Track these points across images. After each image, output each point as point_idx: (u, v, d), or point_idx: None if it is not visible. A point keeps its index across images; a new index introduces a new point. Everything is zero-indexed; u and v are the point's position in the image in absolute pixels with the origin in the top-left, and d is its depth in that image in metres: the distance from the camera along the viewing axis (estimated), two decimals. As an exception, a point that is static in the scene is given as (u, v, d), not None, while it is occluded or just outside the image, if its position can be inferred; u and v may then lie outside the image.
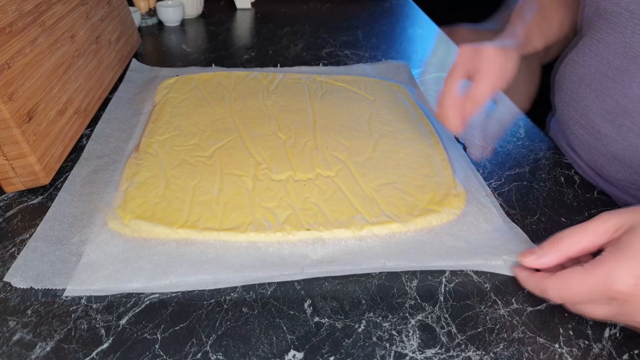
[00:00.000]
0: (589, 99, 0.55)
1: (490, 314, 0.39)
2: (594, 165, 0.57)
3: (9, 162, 0.47)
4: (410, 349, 0.36)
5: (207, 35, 0.98)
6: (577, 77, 0.57)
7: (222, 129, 0.60)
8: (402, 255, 0.43)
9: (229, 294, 0.39)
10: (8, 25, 0.48)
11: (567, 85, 0.59)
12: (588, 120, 0.55)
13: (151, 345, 0.35)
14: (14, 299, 0.38)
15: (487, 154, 0.58)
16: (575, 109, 0.57)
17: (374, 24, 1.07)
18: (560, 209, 0.50)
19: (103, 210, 0.46)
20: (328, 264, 0.42)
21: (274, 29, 1.03)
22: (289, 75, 0.74)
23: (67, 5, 0.61)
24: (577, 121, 0.57)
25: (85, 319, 0.37)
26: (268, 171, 0.52)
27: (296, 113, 0.64)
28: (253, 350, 0.35)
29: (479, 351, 0.35)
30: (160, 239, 0.43)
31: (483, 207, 0.49)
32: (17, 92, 0.47)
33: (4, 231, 0.45)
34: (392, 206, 0.47)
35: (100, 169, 0.53)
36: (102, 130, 0.60)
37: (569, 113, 0.59)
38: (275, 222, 0.45)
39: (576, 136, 0.58)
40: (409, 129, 0.61)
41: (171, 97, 0.66)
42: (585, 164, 0.59)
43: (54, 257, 0.41)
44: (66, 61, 0.58)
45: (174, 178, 0.50)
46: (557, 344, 0.36)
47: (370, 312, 0.38)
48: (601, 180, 0.57)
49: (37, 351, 0.34)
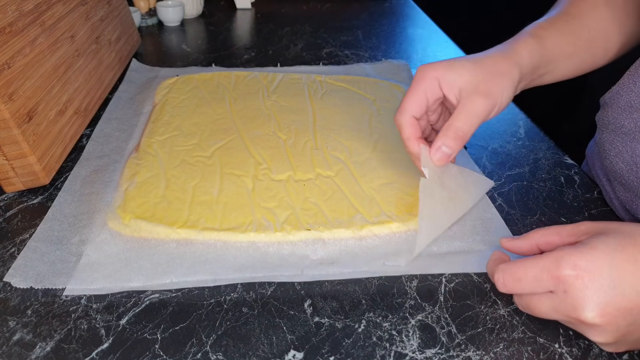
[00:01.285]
0: (639, 133, 0.46)
1: (490, 314, 0.39)
2: (629, 206, 0.49)
3: (9, 162, 0.47)
4: (410, 349, 0.36)
5: (207, 35, 0.98)
6: (627, 102, 0.47)
7: (222, 129, 0.60)
8: (401, 256, 0.43)
9: (229, 294, 0.39)
10: (8, 25, 0.48)
11: (615, 109, 0.49)
12: (634, 156, 0.46)
13: (151, 345, 0.35)
14: (14, 299, 0.38)
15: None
16: (620, 139, 0.48)
17: (374, 24, 1.07)
18: (560, 209, 0.50)
19: (103, 210, 0.46)
20: (328, 265, 0.42)
21: (274, 29, 1.03)
22: (289, 75, 0.74)
23: (67, 5, 0.61)
24: (619, 152, 0.48)
25: (85, 319, 0.37)
26: (268, 171, 0.52)
27: (296, 113, 0.64)
28: (253, 350, 0.35)
29: (479, 351, 0.35)
30: (160, 239, 0.43)
31: (483, 206, 0.49)
32: (17, 92, 0.47)
33: (4, 231, 0.45)
34: (392, 206, 0.47)
35: (100, 169, 0.53)
36: (102, 130, 0.60)
37: (611, 141, 0.49)
38: (275, 222, 0.45)
39: (615, 170, 0.49)
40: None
41: (171, 97, 0.66)
42: (619, 201, 0.51)
43: (54, 257, 0.41)
44: (66, 61, 0.58)
45: (174, 178, 0.50)
46: (557, 344, 0.36)
47: (370, 312, 0.38)
48: (634, 220, 0.49)
49: (37, 351, 0.34)
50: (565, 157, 0.59)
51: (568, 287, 0.32)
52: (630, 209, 0.49)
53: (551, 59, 0.49)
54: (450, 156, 0.45)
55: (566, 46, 0.49)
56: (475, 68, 0.45)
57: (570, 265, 0.32)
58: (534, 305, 0.35)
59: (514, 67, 0.45)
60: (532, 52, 0.47)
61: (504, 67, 0.45)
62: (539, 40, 0.48)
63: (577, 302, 0.32)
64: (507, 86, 0.44)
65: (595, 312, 0.32)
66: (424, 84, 0.45)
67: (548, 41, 0.48)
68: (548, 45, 0.48)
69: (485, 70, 0.45)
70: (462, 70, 0.45)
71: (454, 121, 0.44)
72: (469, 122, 0.44)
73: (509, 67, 0.45)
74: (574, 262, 0.32)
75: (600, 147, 0.52)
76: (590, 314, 0.32)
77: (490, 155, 0.59)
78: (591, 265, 0.32)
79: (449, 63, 0.45)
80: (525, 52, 0.47)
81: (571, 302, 0.33)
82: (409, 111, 0.46)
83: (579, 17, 0.50)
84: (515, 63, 0.46)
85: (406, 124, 0.46)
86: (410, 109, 0.46)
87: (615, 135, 0.48)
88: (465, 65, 0.45)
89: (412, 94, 0.46)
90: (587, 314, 0.32)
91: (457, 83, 0.44)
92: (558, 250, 0.34)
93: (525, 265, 0.35)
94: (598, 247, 0.33)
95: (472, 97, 0.44)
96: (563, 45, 0.49)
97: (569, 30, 0.50)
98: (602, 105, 0.51)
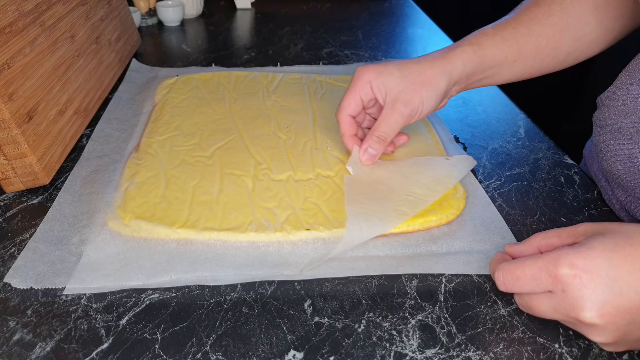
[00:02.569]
0: (635, 133, 0.45)
1: (490, 314, 0.39)
2: (627, 207, 0.49)
3: (9, 162, 0.47)
4: (410, 349, 0.36)
5: (207, 35, 0.98)
6: (624, 103, 0.47)
7: (222, 129, 0.60)
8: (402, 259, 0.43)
9: (229, 294, 0.39)
10: (8, 25, 0.48)
11: (611, 110, 0.48)
12: (631, 157, 0.46)
13: (151, 345, 0.35)
14: (14, 299, 0.38)
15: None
16: (617, 140, 0.47)
17: (374, 24, 1.07)
18: (560, 209, 0.50)
19: (103, 210, 0.46)
20: (328, 266, 0.42)
21: (274, 29, 1.03)
22: (288, 75, 0.74)
23: (67, 5, 0.61)
24: (616, 153, 0.48)
25: (85, 319, 0.37)
26: (268, 171, 0.52)
27: (296, 113, 0.64)
28: (253, 350, 0.35)
29: (479, 351, 0.35)
30: (160, 239, 0.43)
31: (483, 206, 0.49)
32: (17, 92, 0.47)
33: (4, 231, 0.45)
34: (392, 206, 0.47)
35: (100, 169, 0.53)
36: (102, 130, 0.60)
37: (608, 142, 0.49)
38: (275, 222, 0.45)
39: (612, 170, 0.49)
40: (409, 129, 0.61)
41: (171, 97, 0.66)
42: (618, 202, 0.51)
43: (54, 257, 0.41)
44: (66, 61, 0.58)
45: (174, 178, 0.50)
46: (557, 344, 0.36)
47: (370, 312, 0.38)
48: (634, 220, 0.49)
49: (37, 351, 0.34)
50: (565, 157, 0.59)
51: (566, 287, 0.33)
52: (629, 209, 0.49)
53: (491, 65, 0.52)
54: (375, 157, 0.51)
55: (509, 53, 0.51)
56: (402, 77, 0.49)
57: (567, 264, 0.32)
58: (534, 305, 0.35)
59: (441, 76, 0.49)
60: (466, 61, 0.50)
61: (430, 76, 0.49)
62: (478, 48, 0.51)
63: (575, 302, 0.32)
64: (428, 96, 0.49)
65: (593, 312, 0.32)
66: (359, 85, 0.50)
67: (488, 49, 0.51)
68: (488, 52, 0.51)
69: (410, 79, 0.49)
70: (389, 78, 0.49)
71: (377, 126, 0.50)
72: (389, 129, 0.50)
73: (435, 77, 0.49)
74: (571, 261, 0.33)
75: (597, 148, 0.52)
76: (589, 314, 0.32)
77: (490, 155, 0.59)
78: (589, 265, 0.32)
79: (381, 69, 0.50)
80: (458, 61, 0.50)
81: (570, 302, 0.33)
82: (346, 110, 0.52)
83: (528, 24, 0.52)
84: (444, 72, 0.49)
85: (342, 121, 0.52)
86: (347, 108, 0.52)
87: (612, 136, 0.48)
88: (393, 73, 0.49)
89: (348, 94, 0.51)
90: (586, 314, 0.32)
91: (383, 89, 0.50)
92: (556, 250, 0.34)
93: (523, 264, 0.35)
94: (596, 247, 0.33)
95: (394, 105, 0.49)
96: (505, 52, 0.51)
97: (514, 38, 0.51)
98: (599, 105, 0.51)
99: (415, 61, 0.50)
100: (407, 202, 0.47)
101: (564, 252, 0.33)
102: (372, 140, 0.50)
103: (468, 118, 0.67)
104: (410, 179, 0.50)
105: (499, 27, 0.52)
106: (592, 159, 0.58)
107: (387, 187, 0.49)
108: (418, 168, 0.52)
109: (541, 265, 0.34)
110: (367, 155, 0.51)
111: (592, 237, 0.34)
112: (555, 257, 0.33)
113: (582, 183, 0.54)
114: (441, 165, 0.53)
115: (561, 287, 0.33)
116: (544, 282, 0.34)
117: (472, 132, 0.64)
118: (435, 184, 0.49)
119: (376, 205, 0.46)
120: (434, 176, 0.51)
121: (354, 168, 0.51)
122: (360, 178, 0.50)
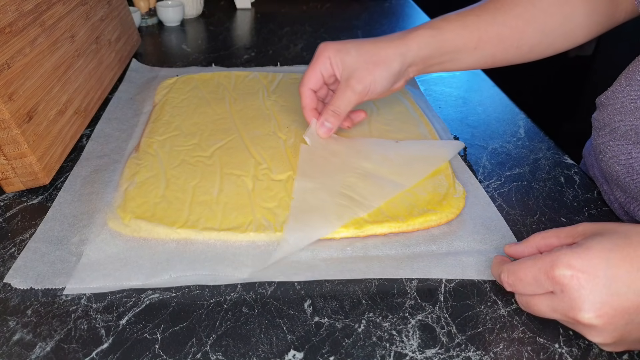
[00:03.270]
0: (634, 134, 0.45)
1: (490, 314, 0.39)
2: (626, 207, 0.49)
3: (9, 162, 0.47)
4: (410, 349, 0.36)
5: (207, 35, 0.98)
6: (623, 104, 0.46)
7: (222, 129, 0.60)
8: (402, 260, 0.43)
9: (229, 294, 0.39)
10: (8, 25, 0.48)
11: (610, 111, 0.48)
12: (629, 158, 0.46)
13: (151, 345, 0.35)
14: (14, 299, 0.38)
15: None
16: (616, 141, 0.47)
17: (374, 24, 1.07)
18: (560, 209, 0.50)
19: (103, 210, 0.46)
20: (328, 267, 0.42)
21: (274, 29, 1.03)
22: (289, 75, 0.74)
23: (67, 5, 0.61)
24: (615, 155, 0.47)
25: (85, 319, 0.37)
26: (268, 171, 0.52)
27: (296, 113, 0.64)
28: (253, 350, 0.35)
29: (479, 351, 0.35)
30: (160, 238, 0.43)
31: (483, 206, 0.49)
32: (17, 92, 0.47)
33: (4, 231, 0.45)
34: (392, 206, 0.47)
35: (100, 169, 0.53)
36: (102, 130, 0.60)
37: (607, 143, 0.49)
38: (275, 222, 0.45)
39: (611, 171, 0.49)
40: (409, 129, 0.61)
41: (171, 97, 0.66)
42: (618, 202, 0.51)
43: (53, 257, 0.41)
44: (66, 61, 0.58)
45: (174, 178, 0.50)
46: (557, 344, 0.36)
47: (370, 312, 0.38)
48: (633, 220, 0.49)
49: (37, 351, 0.34)
50: (565, 157, 0.59)
51: (564, 287, 0.33)
52: (628, 210, 0.49)
53: (449, 50, 0.53)
54: (331, 130, 0.54)
55: (469, 40, 0.53)
56: (358, 55, 0.51)
57: (564, 264, 0.32)
58: (533, 304, 0.35)
59: (395, 56, 0.51)
60: (423, 44, 0.52)
61: (384, 56, 0.51)
62: (437, 32, 0.52)
63: (573, 303, 0.32)
64: (381, 75, 0.51)
65: (592, 313, 0.32)
66: (319, 61, 0.53)
67: (447, 33, 0.52)
68: (447, 37, 0.52)
69: (365, 58, 0.51)
70: (346, 56, 0.52)
71: (333, 101, 0.53)
72: (344, 105, 0.53)
73: (389, 57, 0.51)
74: (568, 261, 0.32)
75: (596, 149, 0.52)
76: (587, 315, 0.32)
77: (490, 155, 0.59)
78: (586, 265, 0.32)
79: (340, 46, 0.52)
80: (413, 43, 0.52)
81: (568, 302, 0.33)
82: (307, 84, 0.54)
83: (492, 13, 0.53)
84: (398, 53, 0.51)
85: (303, 95, 0.55)
86: (309, 82, 0.54)
87: (611, 137, 0.48)
88: (350, 52, 0.52)
89: (310, 69, 0.54)
90: (584, 315, 0.32)
91: (341, 65, 0.52)
92: (554, 250, 0.34)
93: (525, 266, 0.35)
94: (593, 247, 0.33)
95: (348, 82, 0.52)
96: (465, 38, 0.52)
97: (475, 25, 0.52)
98: (598, 106, 0.51)
99: (373, 41, 0.52)
100: (355, 175, 0.49)
101: (562, 252, 0.33)
102: (328, 114, 0.53)
103: (468, 118, 0.67)
104: (362, 154, 0.53)
105: (462, 14, 0.54)
106: (591, 159, 0.58)
107: (340, 160, 0.52)
108: (373, 147, 0.55)
109: (540, 266, 0.34)
110: (323, 128, 0.54)
111: (590, 238, 0.34)
112: (553, 258, 0.33)
113: (582, 183, 0.54)
114: (399, 145, 0.55)
115: (560, 288, 0.33)
116: (544, 283, 0.34)
117: (472, 132, 0.64)
118: (383, 159, 0.52)
119: (327, 179, 0.49)
120: (384, 152, 0.53)
121: (311, 139, 0.54)
122: (315, 150, 0.54)
